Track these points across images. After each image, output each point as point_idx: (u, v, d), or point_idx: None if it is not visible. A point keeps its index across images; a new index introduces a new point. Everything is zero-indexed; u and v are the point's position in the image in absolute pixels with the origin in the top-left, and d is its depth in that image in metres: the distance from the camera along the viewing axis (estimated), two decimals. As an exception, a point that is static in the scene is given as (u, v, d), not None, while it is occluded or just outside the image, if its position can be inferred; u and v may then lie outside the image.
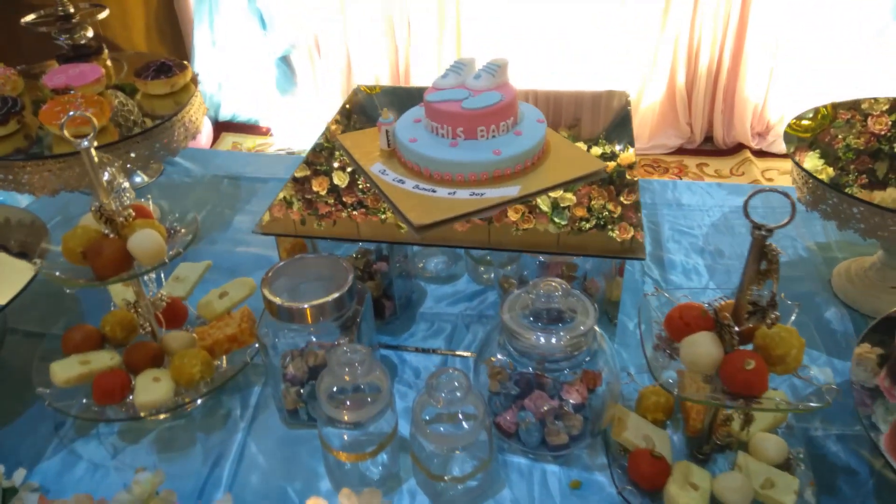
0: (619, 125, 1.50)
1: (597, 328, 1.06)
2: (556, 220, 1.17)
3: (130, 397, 1.13)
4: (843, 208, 1.18)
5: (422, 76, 3.12)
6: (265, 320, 1.12)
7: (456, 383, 0.99)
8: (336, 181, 1.33)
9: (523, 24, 2.95)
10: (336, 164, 1.38)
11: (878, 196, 1.31)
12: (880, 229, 1.15)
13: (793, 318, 1.02)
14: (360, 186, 1.30)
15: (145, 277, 1.21)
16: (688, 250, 1.49)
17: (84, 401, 1.13)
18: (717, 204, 1.60)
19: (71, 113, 0.96)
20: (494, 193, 1.23)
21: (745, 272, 0.92)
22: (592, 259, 1.25)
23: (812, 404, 0.92)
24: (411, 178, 1.28)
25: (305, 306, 1.05)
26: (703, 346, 0.93)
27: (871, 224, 1.16)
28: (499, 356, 1.11)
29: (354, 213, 1.24)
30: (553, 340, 1.01)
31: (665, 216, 1.59)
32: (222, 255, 1.53)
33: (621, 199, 1.22)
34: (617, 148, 1.38)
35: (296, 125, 3.22)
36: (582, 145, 1.40)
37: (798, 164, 1.25)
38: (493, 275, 1.43)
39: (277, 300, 1.06)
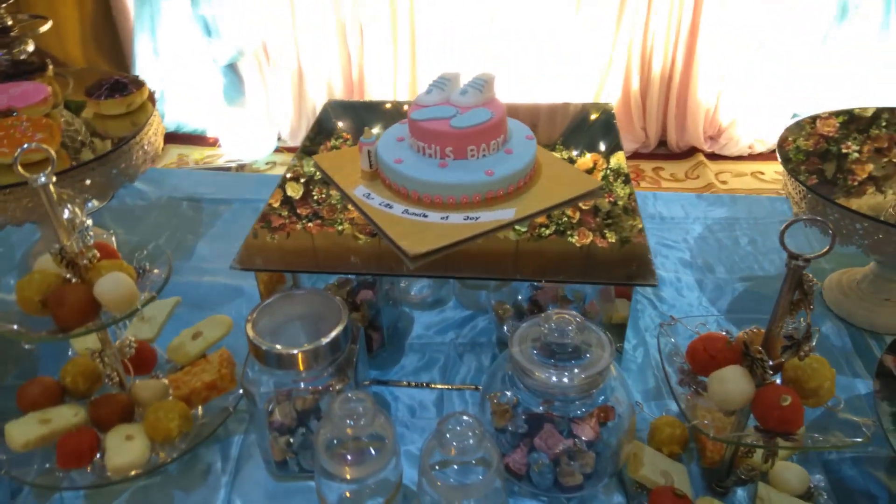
0: (606, 138, 1.43)
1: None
2: (569, 237, 1.09)
3: (99, 456, 1.00)
4: (845, 224, 1.14)
5: (377, 84, 3.00)
6: (251, 365, 1.00)
7: (469, 431, 0.90)
8: (316, 196, 1.22)
9: (476, 30, 2.87)
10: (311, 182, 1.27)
11: (854, 203, 1.28)
12: (885, 245, 1.11)
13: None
14: (338, 205, 1.19)
15: (112, 323, 1.07)
16: (676, 265, 1.43)
17: (46, 465, 0.99)
18: (699, 216, 1.55)
19: (25, 146, 0.82)
20: (489, 217, 1.14)
21: (779, 303, 0.85)
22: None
23: (853, 440, 0.86)
24: (399, 202, 1.18)
25: (297, 352, 0.94)
26: (734, 383, 0.87)
27: (875, 240, 1.12)
28: (506, 392, 1.02)
29: (309, 224, 1.15)
30: (568, 380, 0.93)
31: (649, 230, 1.53)
32: (188, 287, 1.39)
33: (629, 221, 1.15)
34: (610, 163, 1.31)
35: (245, 135, 3.05)
36: (571, 161, 1.33)
37: (797, 178, 1.20)
38: (482, 298, 1.34)
39: (266, 345, 0.95)
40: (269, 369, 0.98)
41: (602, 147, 1.39)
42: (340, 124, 1.52)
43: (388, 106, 1.63)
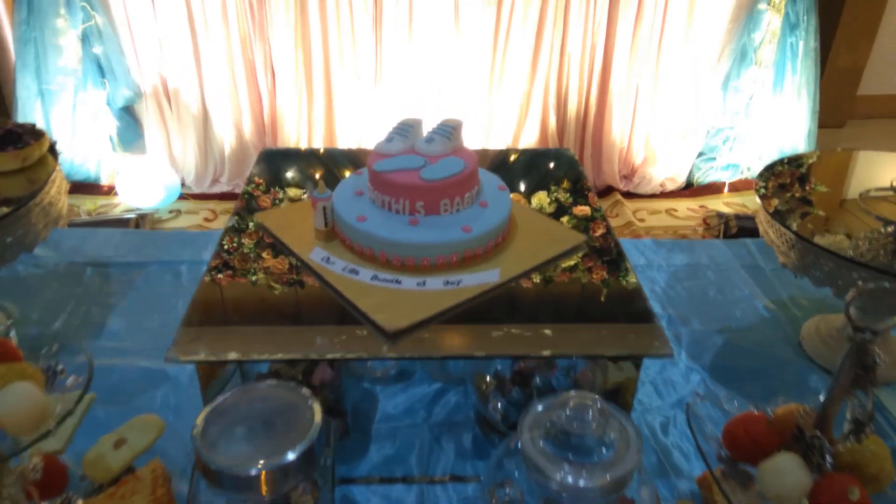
0: (573, 182, 1.30)
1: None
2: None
3: None
4: (842, 274, 1.05)
5: (292, 127, 2.77)
6: (198, 486, 0.77)
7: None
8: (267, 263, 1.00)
9: (392, 73, 2.72)
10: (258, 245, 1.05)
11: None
12: (889, 297, 1.02)
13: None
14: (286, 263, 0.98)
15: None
16: (648, 318, 1.31)
17: None
18: (661, 263, 1.44)
19: None
20: (472, 280, 0.96)
21: (838, 381, 0.73)
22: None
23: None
24: (366, 266, 0.98)
25: (260, 472, 0.73)
26: (791, 474, 0.73)
27: (880, 290, 1.03)
28: (507, 490, 0.84)
29: (219, 276, 0.95)
30: (589, 482, 0.76)
31: (613, 280, 1.40)
32: (99, 374, 1.11)
33: (621, 279, 1.01)
34: (586, 211, 1.17)
35: (144, 182, 2.74)
36: (546, 212, 1.18)
37: (785, 226, 1.11)
38: (451, 368, 1.15)
39: (221, 465, 0.73)
40: (225, 492, 0.75)
41: (569, 193, 1.26)
42: (288, 175, 1.31)
43: (327, 154, 1.43)
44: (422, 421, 1.08)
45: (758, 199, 1.19)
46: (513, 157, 1.43)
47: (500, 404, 1.02)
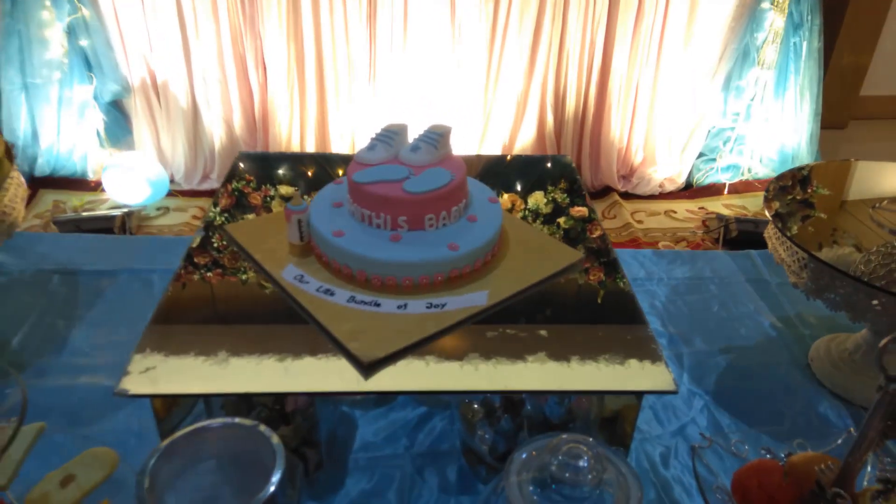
0: (570, 183, 1.21)
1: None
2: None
3: None
4: (860, 299, 0.96)
5: (284, 123, 2.67)
6: (148, 536, 0.69)
7: None
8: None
9: (386, 70, 2.62)
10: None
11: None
12: (908, 323, 0.94)
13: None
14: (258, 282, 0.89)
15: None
16: (647, 336, 1.22)
17: None
18: (661, 276, 1.35)
19: None
20: (458, 303, 0.88)
21: (864, 433, 0.64)
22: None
23: None
24: (342, 286, 0.89)
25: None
26: (809, 534, 0.65)
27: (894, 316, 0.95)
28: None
29: (208, 274, 0.86)
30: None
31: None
32: (57, 395, 1.04)
33: (618, 281, 0.92)
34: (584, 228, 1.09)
35: (132, 178, 2.64)
36: (541, 227, 1.09)
37: (799, 246, 1.02)
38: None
39: (172, 517, 0.64)
40: (178, 544, 0.67)
41: (566, 200, 1.17)
42: (255, 180, 1.22)
43: (310, 159, 1.34)
44: (403, 450, 0.99)
45: (767, 214, 1.11)
46: (508, 160, 1.34)
47: (487, 435, 0.94)
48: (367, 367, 0.78)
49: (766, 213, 1.10)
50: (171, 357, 0.81)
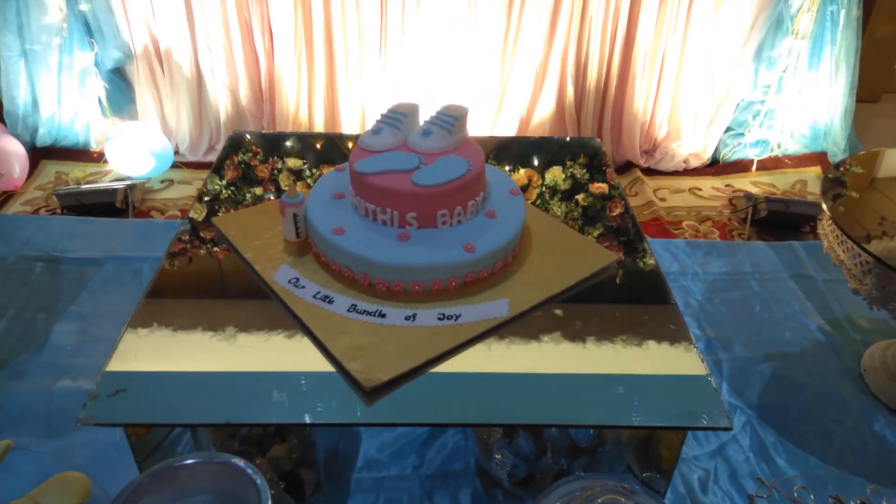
0: (590, 158, 1.09)
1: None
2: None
3: None
4: (933, 309, 0.84)
5: (291, 93, 2.54)
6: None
7: None
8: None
9: (398, 37, 2.47)
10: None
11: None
12: None
13: None
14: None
15: None
16: (680, 337, 1.10)
17: None
18: (696, 270, 1.23)
19: None
20: (474, 314, 0.76)
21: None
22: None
23: None
24: (342, 292, 0.78)
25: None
26: None
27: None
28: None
29: (215, 249, 0.76)
30: None
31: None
32: (34, 400, 0.94)
33: (639, 261, 0.80)
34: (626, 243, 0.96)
35: (136, 149, 2.52)
36: (561, 190, 0.97)
37: (869, 252, 0.88)
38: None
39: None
40: None
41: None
42: (252, 165, 1.10)
43: (315, 139, 1.22)
44: (412, 470, 0.88)
45: (825, 209, 0.97)
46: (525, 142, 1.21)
47: (506, 458, 0.83)
48: (370, 392, 0.67)
49: (824, 207, 0.96)
50: (146, 376, 0.70)
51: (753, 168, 2.77)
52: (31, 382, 0.97)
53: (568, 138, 1.24)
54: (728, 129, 2.78)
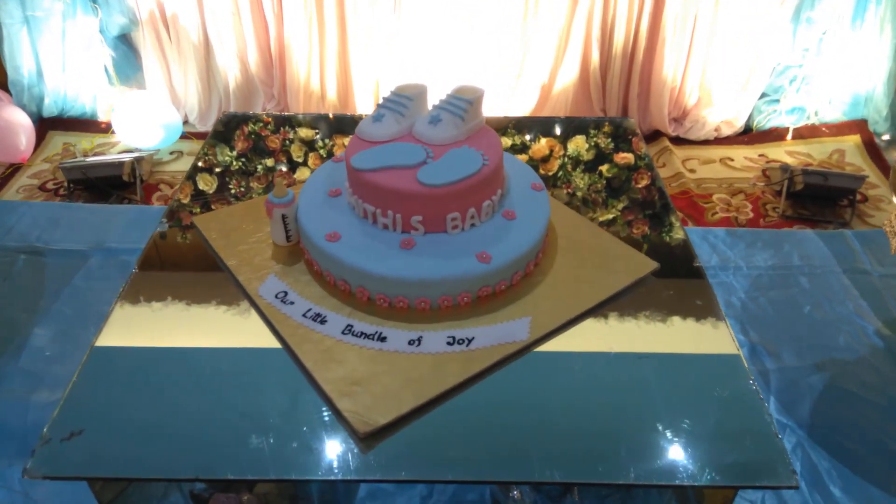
0: (616, 139, 0.95)
1: None
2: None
3: None
4: None
5: (302, 60, 2.39)
6: None
7: None
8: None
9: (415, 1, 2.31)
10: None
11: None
12: None
13: None
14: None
15: None
16: (721, 341, 0.97)
17: None
18: (739, 264, 1.09)
19: None
20: (489, 338, 0.64)
21: None
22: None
23: None
24: (337, 309, 0.66)
25: None
26: None
27: None
28: None
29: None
30: None
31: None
32: (8, 413, 0.84)
33: (664, 235, 0.67)
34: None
35: (144, 119, 2.41)
36: (591, 194, 0.84)
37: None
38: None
39: None
40: None
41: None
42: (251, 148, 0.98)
43: (300, 120, 1.09)
44: (419, 501, 0.78)
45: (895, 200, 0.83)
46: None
47: (525, 495, 0.72)
48: (364, 437, 0.56)
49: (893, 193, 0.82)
50: (110, 411, 0.59)
51: (789, 136, 2.59)
52: (7, 392, 0.88)
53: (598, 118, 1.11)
54: (763, 95, 2.60)
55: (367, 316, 0.65)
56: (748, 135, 2.64)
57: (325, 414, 0.58)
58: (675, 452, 0.56)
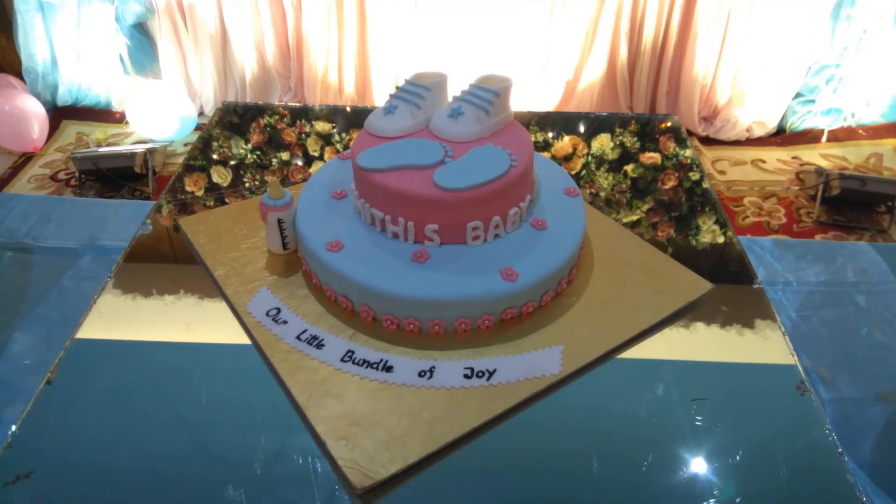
0: (643, 138, 0.85)
1: None
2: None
3: None
4: None
5: (321, 51, 2.30)
6: None
7: None
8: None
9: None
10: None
11: None
12: None
13: None
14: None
15: None
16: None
17: None
18: (788, 278, 0.98)
19: None
20: (514, 370, 0.53)
21: None
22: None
23: None
24: (338, 332, 0.56)
25: None
26: None
27: None
28: None
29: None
30: None
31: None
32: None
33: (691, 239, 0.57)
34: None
35: (158, 109, 2.33)
36: (615, 195, 0.73)
37: None
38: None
39: None
40: None
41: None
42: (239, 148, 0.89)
43: (304, 112, 1.00)
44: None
45: None
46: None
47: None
48: (362, 495, 0.46)
49: None
50: (64, 449, 0.50)
51: (824, 139, 2.45)
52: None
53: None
54: (798, 96, 2.46)
55: (372, 340, 0.55)
56: (781, 136, 2.50)
57: (318, 464, 0.47)
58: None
